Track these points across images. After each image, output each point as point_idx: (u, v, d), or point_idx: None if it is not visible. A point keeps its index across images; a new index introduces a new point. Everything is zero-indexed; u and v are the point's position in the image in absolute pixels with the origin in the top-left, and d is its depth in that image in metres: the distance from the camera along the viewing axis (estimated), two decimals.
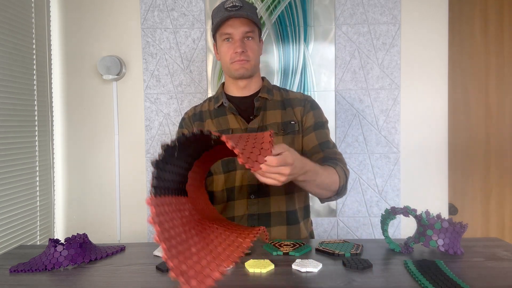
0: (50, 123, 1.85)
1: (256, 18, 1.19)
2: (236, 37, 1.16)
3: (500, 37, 1.88)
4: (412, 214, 1.00)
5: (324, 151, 1.19)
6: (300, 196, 1.26)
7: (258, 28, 1.22)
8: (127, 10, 1.86)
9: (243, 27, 1.16)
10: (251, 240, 0.74)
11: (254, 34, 1.19)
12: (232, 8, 1.14)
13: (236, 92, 1.26)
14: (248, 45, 1.18)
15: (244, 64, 1.17)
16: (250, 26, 1.17)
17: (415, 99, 1.85)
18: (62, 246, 0.97)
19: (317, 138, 1.21)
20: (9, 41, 1.56)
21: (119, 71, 1.82)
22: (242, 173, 1.20)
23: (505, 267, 0.89)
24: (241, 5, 1.15)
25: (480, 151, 1.90)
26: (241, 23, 1.15)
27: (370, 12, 1.83)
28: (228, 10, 1.14)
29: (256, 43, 1.20)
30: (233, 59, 1.18)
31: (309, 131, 1.23)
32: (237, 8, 1.14)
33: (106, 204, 1.91)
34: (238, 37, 1.16)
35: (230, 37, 1.17)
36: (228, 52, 1.18)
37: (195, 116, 1.28)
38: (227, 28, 1.16)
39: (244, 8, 1.15)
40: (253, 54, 1.19)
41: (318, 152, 1.19)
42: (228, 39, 1.18)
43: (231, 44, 1.17)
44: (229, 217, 1.22)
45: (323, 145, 1.20)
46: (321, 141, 1.21)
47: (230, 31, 1.16)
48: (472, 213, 1.92)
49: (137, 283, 0.85)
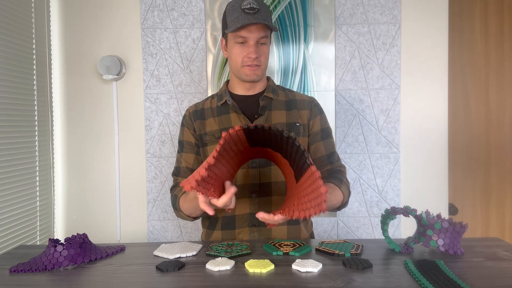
0: (50, 123, 1.85)
1: (271, 21, 1.19)
2: (251, 41, 1.15)
3: (500, 37, 1.87)
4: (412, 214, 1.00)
5: (332, 163, 1.24)
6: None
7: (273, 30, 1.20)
8: (127, 10, 1.86)
9: (259, 32, 1.14)
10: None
11: (267, 38, 1.18)
12: (249, 11, 1.12)
13: (242, 91, 1.26)
14: (261, 50, 1.17)
15: (255, 70, 1.17)
16: (265, 31, 1.15)
17: (415, 99, 1.85)
18: (62, 246, 0.97)
19: (325, 148, 1.25)
20: (9, 41, 1.56)
21: (119, 71, 1.82)
22: (244, 172, 1.20)
23: (505, 267, 0.89)
24: (258, 8, 1.12)
25: (480, 151, 1.90)
26: (257, 29, 1.14)
27: (370, 12, 1.83)
28: (246, 12, 1.12)
29: (267, 47, 1.20)
30: (245, 63, 1.17)
31: (317, 139, 1.25)
32: (254, 11, 1.12)
33: (106, 204, 1.91)
34: (253, 41, 1.15)
35: (245, 40, 1.15)
36: (240, 55, 1.17)
37: (196, 113, 1.27)
38: (244, 32, 1.14)
39: (261, 12, 1.13)
40: (265, 59, 1.19)
41: (326, 164, 1.23)
42: (242, 42, 1.16)
43: (244, 47, 1.16)
44: (230, 215, 1.22)
45: (331, 157, 1.25)
46: (329, 152, 1.25)
47: (245, 35, 1.14)
48: (472, 213, 1.92)
49: (137, 283, 0.85)
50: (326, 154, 1.24)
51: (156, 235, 1.89)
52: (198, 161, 1.26)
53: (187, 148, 1.26)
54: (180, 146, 1.28)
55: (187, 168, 1.25)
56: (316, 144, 1.25)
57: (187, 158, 1.26)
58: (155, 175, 1.88)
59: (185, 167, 1.26)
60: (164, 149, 1.88)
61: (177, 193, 1.21)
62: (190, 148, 1.26)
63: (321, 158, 1.24)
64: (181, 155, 1.27)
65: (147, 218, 1.89)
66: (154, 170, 1.88)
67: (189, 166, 1.25)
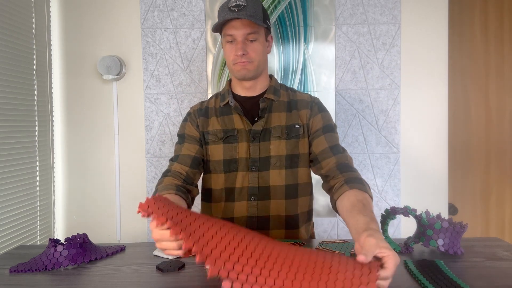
0: (50, 123, 1.85)
1: (260, 17, 1.15)
2: (238, 38, 1.14)
3: (500, 37, 1.88)
4: (412, 214, 1.00)
5: (336, 155, 1.15)
6: (304, 201, 1.24)
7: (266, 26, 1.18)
8: (127, 10, 1.86)
9: (245, 28, 1.13)
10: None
11: (257, 35, 1.16)
12: (235, 8, 1.11)
13: (242, 92, 1.24)
14: (250, 46, 1.15)
15: (245, 65, 1.15)
16: (253, 27, 1.14)
17: (415, 99, 1.85)
18: (62, 246, 0.97)
19: (327, 141, 1.18)
20: (9, 41, 1.56)
21: (119, 71, 1.82)
22: (244, 175, 1.19)
23: (505, 267, 0.89)
24: (244, 4, 1.11)
25: (480, 151, 1.90)
26: (243, 25, 1.13)
27: (370, 12, 1.83)
28: (231, 10, 1.11)
29: (260, 44, 1.17)
30: (235, 61, 1.16)
31: (318, 134, 1.19)
32: (240, 7, 1.11)
33: (106, 204, 1.91)
34: (240, 39, 1.14)
35: (233, 38, 1.15)
36: (230, 54, 1.16)
37: (201, 111, 1.26)
38: (230, 29, 1.14)
39: (247, 8, 1.11)
40: (256, 55, 1.16)
41: (330, 156, 1.15)
42: (231, 40, 1.16)
43: (233, 45, 1.15)
44: (228, 218, 1.21)
45: (334, 149, 1.17)
46: (332, 145, 1.17)
47: (232, 33, 1.14)
48: (472, 213, 1.92)
49: (137, 283, 0.85)
50: (329, 146, 1.17)
51: None
52: (202, 153, 1.22)
53: (189, 140, 1.22)
54: (181, 138, 1.24)
55: (189, 156, 1.20)
56: (318, 139, 1.19)
57: (190, 147, 1.21)
58: (155, 175, 1.88)
59: (186, 154, 1.20)
60: (164, 149, 1.88)
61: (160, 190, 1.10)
62: (193, 140, 1.22)
63: (324, 151, 1.17)
64: (182, 145, 1.23)
65: (147, 218, 1.89)
66: (154, 170, 1.88)
67: (192, 154, 1.20)
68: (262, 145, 1.18)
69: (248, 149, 1.18)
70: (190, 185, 1.17)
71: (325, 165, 1.14)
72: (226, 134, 1.20)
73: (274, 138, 1.18)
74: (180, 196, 1.07)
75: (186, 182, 1.15)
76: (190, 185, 1.17)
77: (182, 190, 1.10)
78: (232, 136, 1.19)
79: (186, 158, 1.19)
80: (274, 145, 1.18)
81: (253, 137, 1.18)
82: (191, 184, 1.18)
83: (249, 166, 1.18)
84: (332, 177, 1.10)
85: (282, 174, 1.19)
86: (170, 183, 1.12)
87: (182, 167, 1.17)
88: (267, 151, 1.18)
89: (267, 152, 1.18)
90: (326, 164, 1.14)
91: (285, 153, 1.18)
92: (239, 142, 1.19)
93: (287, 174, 1.19)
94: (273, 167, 1.18)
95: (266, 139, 1.18)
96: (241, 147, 1.18)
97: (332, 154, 1.15)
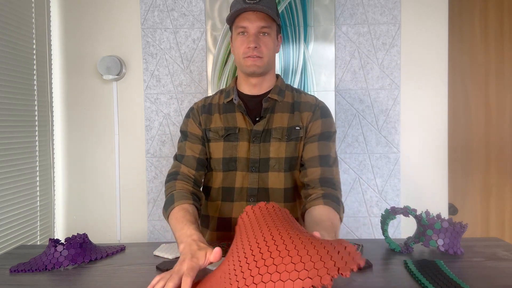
0: (50, 123, 1.85)
1: (275, 13, 1.14)
2: (251, 31, 1.12)
3: (500, 37, 1.88)
4: (412, 214, 1.00)
5: (322, 167, 1.12)
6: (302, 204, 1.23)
7: (277, 24, 1.17)
8: (127, 10, 1.86)
9: (259, 21, 1.11)
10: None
11: (270, 30, 1.14)
12: (250, 1, 1.09)
13: (247, 89, 1.22)
14: (262, 40, 1.13)
15: (256, 61, 1.13)
16: (267, 21, 1.12)
17: (415, 99, 1.85)
18: (62, 246, 0.97)
19: (319, 149, 1.15)
20: (9, 41, 1.56)
21: (119, 71, 1.82)
22: (243, 175, 1.18)
23: (505, 267, 0.89)
24: None
25: (480, 151, 1.90)
26: (258, 17, 1.11)
27: (370, 12, 1.83)
28: (246, 3, 1.09)
29: (271, 40, 1.15)
30: (245, 54, 1.13)
31: (312, 140, 1.17)
32: (255, 1, 1.09)
33: (106, 204, 1.91)
34: (253, 31, 1.12)
35: (245, 30, 1.13)
36: (241, 46, 1.14)
37: (204, 107, 1.24)
38: (243, 21, 1.12)
39: (263, 2, 1.10)
40: (267, 50, 1.14)
41: (316, 166, 1.13)
42: (243, 32, 1.13)
43: (245, 38, 1.13)
44: (226, 217, 1.20)
45: (323, 159, 1.14)
46: (322, 154, 1.15)
47: (245, 25, 1.12)
48: (472, 213, 1.92)
49: (137, 283, 0.85)
50: (319, 155, 1.14)
51: (156, 235, 1.89)
52: (205, 152, 1.22)
53: (192, 139, 1.22)
54: (184, 135, 1.23)
55: (193, 157, 1.19)
56: (310, 145, 1.16)
57: (193, 147, 1.21)
58: (155, 175, 1.88)
59: (190, 156, 1.20)
60: (164, 149, 1.88)
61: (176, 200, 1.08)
62: (195, 139, 1.22)
63: (312, 159, 1.14)
64: (185, 143, 1.22)
65: (147, 218, 1.89)
66: (154, 170, 1.88)
67: (196, 155, 1.20)
68: (262, 146, 1.17)
69: (249, 149, 1.17)
70: (198, 188, 1.19)
71: (310, 173, 1.14)
72: (227, 132, 1.19)
73: (274, 140, 1.17)
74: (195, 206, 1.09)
75: (195, 185, 1.17)
76: (198, 189, 1.18)
77: (195, 198, 1.13)
78: (233, 134, 1.18)
79: (191, 160, 1.19)
80: (274, 146, 1.17)
81: (254, 137, 1.17)
82: (199, 187, 1.20)
83: (249, 167, 1.18)
84: (312, 187, 1.11)
85: (280, 177, 1.18)
86: (183, 188, 1.13)
87: (189, 170, 1.18)
88: (267, 152, 1.17)
89: (267, 153, 1.17)
90: (311, 173, 1.13)
91: (284, 155, 1.17)
92: (240, 141, 1.18)
93: (286, 177, 1.18)
94: (272, 169, 1.17)
95: (267, 140, 1.18)
96: (242, 147, 1.18)
97: (318, 165, 1.13)
